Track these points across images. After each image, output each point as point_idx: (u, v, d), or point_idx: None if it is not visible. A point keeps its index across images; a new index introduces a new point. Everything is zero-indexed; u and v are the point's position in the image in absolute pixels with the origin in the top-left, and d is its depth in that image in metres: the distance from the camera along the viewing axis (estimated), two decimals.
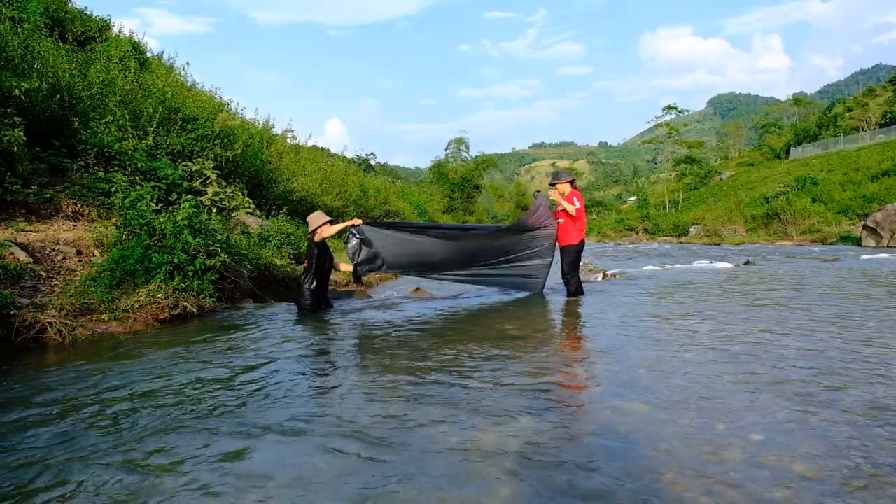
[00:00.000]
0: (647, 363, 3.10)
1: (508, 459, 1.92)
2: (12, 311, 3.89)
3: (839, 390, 2.54)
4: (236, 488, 1.77)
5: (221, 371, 3.16)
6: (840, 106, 53.29)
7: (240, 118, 11.28)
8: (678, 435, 2.08)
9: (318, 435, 2.18)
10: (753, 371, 2.87)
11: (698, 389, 2.60)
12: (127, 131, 6.77)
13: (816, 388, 2.57)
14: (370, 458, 1.96)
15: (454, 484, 1.77)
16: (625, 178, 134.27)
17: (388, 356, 3.46)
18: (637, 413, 2.33)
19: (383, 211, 17.20)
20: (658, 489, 1.70)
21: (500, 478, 1.79)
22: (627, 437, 2.08)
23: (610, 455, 1.93)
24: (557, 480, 1.77)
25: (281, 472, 1.87)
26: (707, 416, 2.27)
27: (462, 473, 1.83)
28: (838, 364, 2.97)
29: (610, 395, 2.56)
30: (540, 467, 1.86)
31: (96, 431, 2.27)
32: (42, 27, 7.77)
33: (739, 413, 2.29)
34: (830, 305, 4.98)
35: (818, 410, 2.30)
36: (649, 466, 1.84)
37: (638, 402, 2.46)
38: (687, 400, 2.46)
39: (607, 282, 7.67)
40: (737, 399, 2.46)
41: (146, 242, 4.96)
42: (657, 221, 36.65)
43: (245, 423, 2.32)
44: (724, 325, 4.13)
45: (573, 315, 5.02)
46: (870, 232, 17.43)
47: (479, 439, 2.09)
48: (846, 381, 2.66)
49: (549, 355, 3.60)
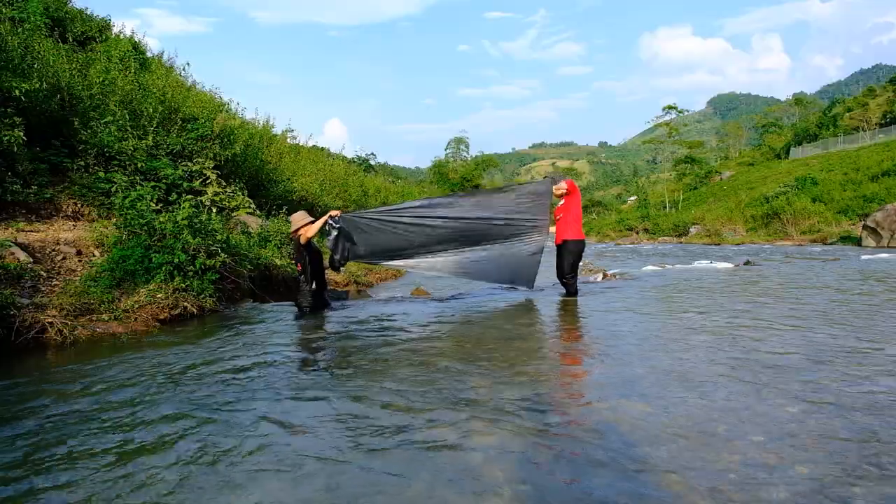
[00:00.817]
0: (648, 363, 3.10)
1: (508, 459, 1.92)
2: (12, 311, 3.89)
3: (840, 390, 2.54)
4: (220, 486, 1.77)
5: (220, 369, 3.17)
6: (840, 106, 53.26)
7: (240, 118, 11.28)
8: (678, 435, 2.08)
9: (317, 435, 2.18)
10: (754, 371, 2.87)
11: (698, 389, 2.60)
12: (127, 131, 6.77)
13: (818, 389, 2.57)
14: (370, 457, 1.96)
15: (454, 484, 1.77)
16: (625, 178, 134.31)
17: (387, 356, 3.46)
18: (637, 413, 2.32)
19: None
20: (658, 489, 1.70)
21: (499, 478, 1.79)
22: (627, 436, 2.08)
23: (610, 455, 1.93)
24: (557, 480, 1.77)
25: (272, 477, 1.87)
26: (707, 415, 2.27)
27: (461, 474, 1.83)
28: (840, 364, 2.96)
29: (610, 395, 2.56)
30: (540, 467, 1.86)
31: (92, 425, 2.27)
32: (42, 27, 7.77)
33: (740, 413, 2.29)
34: (832, 305, 4.98)
35: (819, 411, 2.30)
36: (649, 466, 1.84)
37: (638, 401, 2.46)
38: (687, 400, 2.46)
39: (607, 282, 7.67)
40: (737, 399, 2.46)
41: (146, 242, 4.96)
42: (657, 221, 36.66)
43: (237, 422, 2.32)
44: (724, 325, 4.13)
45: (572, 315, 5.02)
46: (870, 232, 17.43)
47: (479, 439, 2.09)
48: (847, 382, 2.66)
49: (549, 355, 3.60)
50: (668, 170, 55.72)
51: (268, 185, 10.30)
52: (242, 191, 8.34)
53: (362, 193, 16.33)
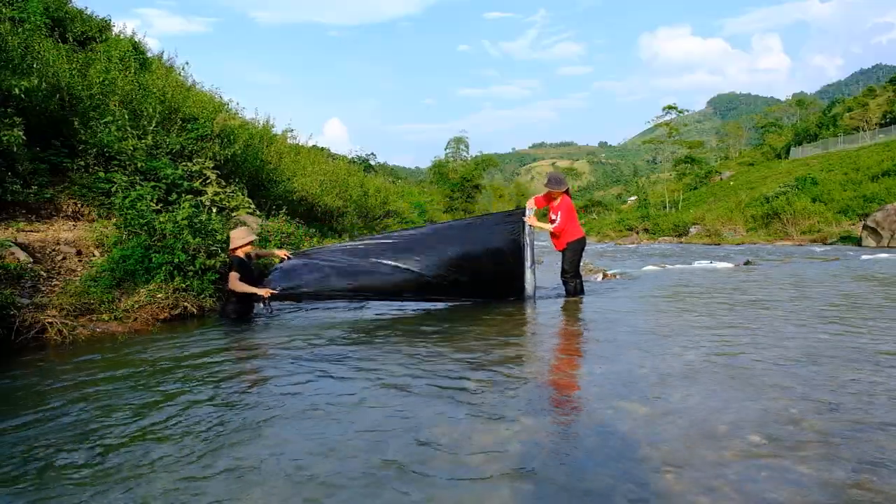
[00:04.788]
0: (648, 363, 3.10)
1: (508, 459, 1.92)
2: (12, 311, 3.89)
3: (842, 390, 2.54)
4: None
5: (217, 367, 3.17)
6: (840, 106, 53.25)
7: (240, 118, 11.26)
8: (678, 435, 2.08)
9: (316, 434, 2.18)
10: (754, 370, 2.87)
11: (699, 389, 2.60)
12: (127, 131, 6.76)
13: (818, 389, 2.57)
14: (368, 457, 1.96)
15: (454, 484, 1.77)
16: (625, 178, 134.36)
17: (386, 355, 3.46)
18: (637, 413, 2.32)
19: (383, 211, 17.18)
20: (658, 489, 1.70)
21: (499, 478, 1.79)
22: (627, 436, 2.08)
23: (610, 455, 1.93)
24: (557, 480, 1.77)
25: (274, 473, 1.87)
26: (708, 415, 2.27)
27: (461, 474, 1.83)
28: (841, 363, 2.96)
29: (610, 395, 2.56)
30: (540, 467, 1.86)
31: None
32: (42, 27, 7.76)
33: (740, 413, 2.29)
34: (832, 305, 4.98)
35: (819, 411, 2.30)
36: (650, 466, 1.84)
37: (638, 401, 2.46)
38: (687, 400, 2.46)
39: (607, 282, 7.67)
40: (738, 399, 2.46)
41: (146, 242, 4.96)
42: (657, 221, 36.62)
43: (235, 421, 2.32)
44: (724, 325, 4.12)
45: (573, 315, 5.02)
46: (870, 232, 17.42)
47: (478, 439, 2.09)
48: (847, 382, 2.66)
49: (549, 355, 3.60)
50: (668, 170, 55.69)
51: (268, 185, 10.29)
52: (242, 191, 8.33)
53: (362, 193, 16.31)
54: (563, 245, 5.76)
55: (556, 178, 5.94)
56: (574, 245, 5.76)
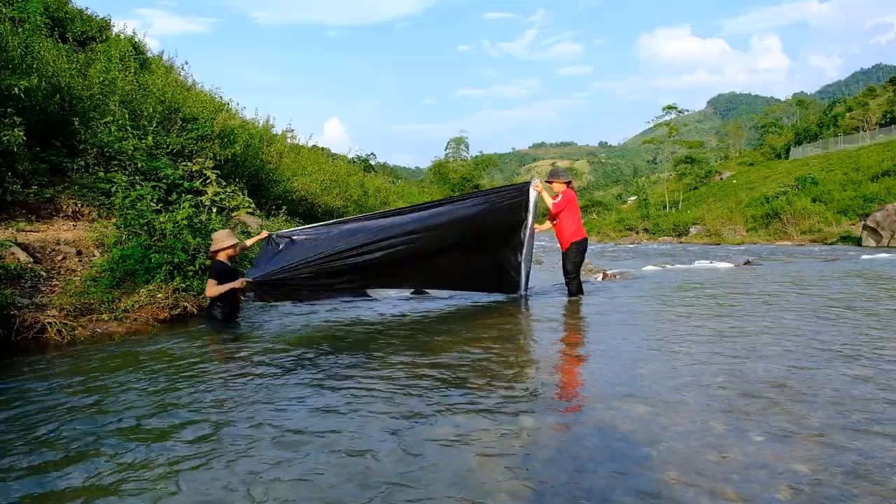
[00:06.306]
0: (648, 363, 3.10)
1: (508, 459, 1.92)
2: (12, 311, 3.89)
3: (841, 390, 2.54)
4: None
5: (217, 367, 3.17)
6: (840, 106, 53.28)
7: (240, 118, 11.28)
8: (678, 435, 2.08)
9: (317, 433, 2.18)
10: (754, 370, 2.87)
11: (699, 389, 2.60)
12: (127, 131, 6.76)
13: (818, 389, 2.57)
14: (368, 457, 1.96)
15: (454, 484, 1.77)
16: (625, 178, 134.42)
17: (386, 355, 3.46)
18: (637, 413, 2.32)
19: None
20: (658, 489, 1.70)
21: (499, 478, 1.79)
22: (627, 436, 2.08)
23: (610, 455, 1.93)
24: (557, 480, 1.77)
25: (272, 472, 1.87)
26: (708, 415, 2.27)
27: (462, 473, 1.83)
28: (841, 363, 2.96)
29: (610, 395, 2.55)
30: (540, 467, 1.86)
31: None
32: (42, 27, 7.76)
33: (740, 413, 2.29)
34: (832, 304, 4.98)
35: (819, 411, 2.30)
36: (650, 466, 1.84)
37: (638, 401, 2.46)
38: (687, 399, 2.46)
39: (607, 282, 7.67)
40: (738, 399, 2.45)
41: (146, 242, 4.96)
42: (657, 221, 36.59)
43: (237, 419, 2.32)
44: (724, 325, 4.12)
45: (573, 315, 5.02)
46: (870, 232, 17.42)
47: (479, 439, 2.09)
48: (848, 382, 2.66)
49: (549, 355, 3.60)
50: (668, 170, 55.70)
51: (268, 185, 10.30)
52: (242, 191, 8.34)
53: (362, 193, 16.32)
54: (567, 245, 5.78)
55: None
56: (577, 245, 5.78)
